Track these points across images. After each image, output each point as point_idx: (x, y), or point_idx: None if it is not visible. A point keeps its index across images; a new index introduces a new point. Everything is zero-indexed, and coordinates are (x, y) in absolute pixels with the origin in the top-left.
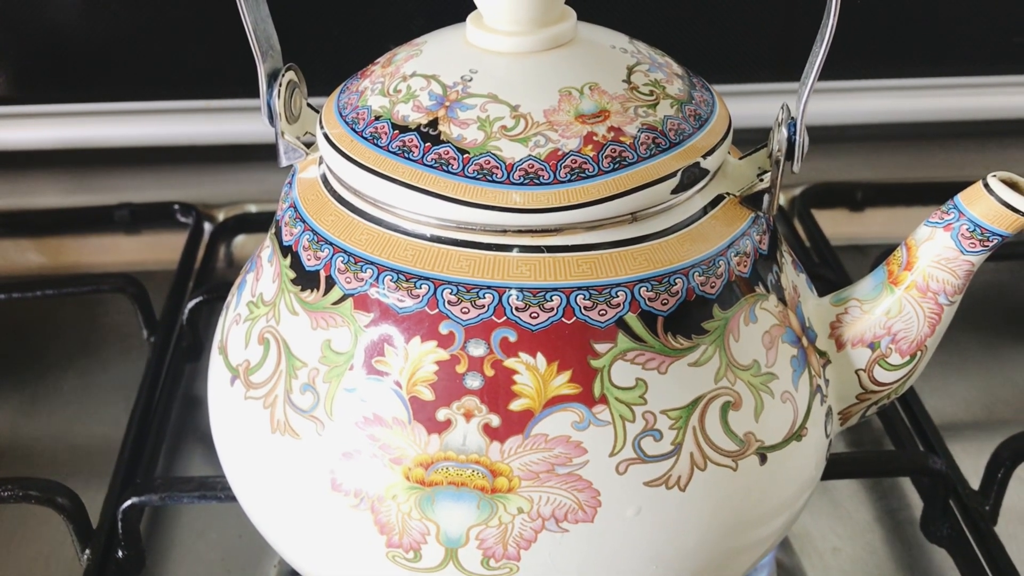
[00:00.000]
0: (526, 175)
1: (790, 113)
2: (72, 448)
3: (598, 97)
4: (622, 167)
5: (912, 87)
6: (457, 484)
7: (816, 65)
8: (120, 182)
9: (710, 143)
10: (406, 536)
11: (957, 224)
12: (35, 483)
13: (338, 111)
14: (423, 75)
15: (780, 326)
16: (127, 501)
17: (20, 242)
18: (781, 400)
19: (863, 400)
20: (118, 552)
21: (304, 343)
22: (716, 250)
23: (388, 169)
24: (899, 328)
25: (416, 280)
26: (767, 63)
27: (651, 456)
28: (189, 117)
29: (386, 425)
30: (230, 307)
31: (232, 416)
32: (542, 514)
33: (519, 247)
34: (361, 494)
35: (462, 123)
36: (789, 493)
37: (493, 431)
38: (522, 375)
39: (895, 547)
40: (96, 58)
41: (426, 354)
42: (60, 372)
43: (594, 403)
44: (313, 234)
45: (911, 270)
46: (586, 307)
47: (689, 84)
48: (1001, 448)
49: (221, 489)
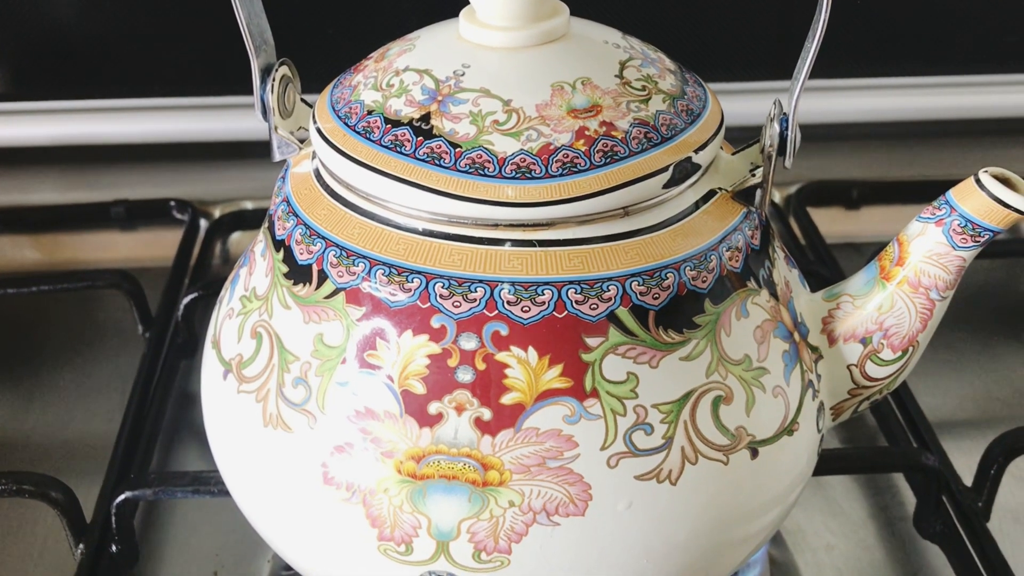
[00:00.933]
0: (518, 169)
1: (782, 108)
2: (67, 443)
3: (590, 92)
4: (614, 161)
5: (907, 86)
6: (448, 477)
7: (808, 60)
8: (116, 178)
9: (702, 138)
10: (398, 529)
11: (948, 220)
12: (29, 477)
13: (331, 106)
14: (416, 70)
15: (772, 321)
16: (121, 496)
17: (16, 238)
18: (772, 395)
19: (855, 395)
20: (112, 547)
21: (296, 337)
22: (708, 245)
23: (380, 163)
24: (891, 323)
25: (408, 274)
26: (761, 61)
27: (642, 450)
28: (185, 114)
29: (378, 419)
30: (223, 301)
31: (225, 410)
32: (533, 508)
33: (511, 241)
34: (353, 487)
35: (454, 117)
36: (781, 488)
37: (484, 425)
38: (513, 369)
39: (888, 543)
40: (92, 54)
41: (418, 348)
42: (56, 367)
43: (585, 397)
44: (306, 228)
45: (903, 265)
46: (577, 301)
47: (682, 79)
48: (994, 444)
49: (215, 484)
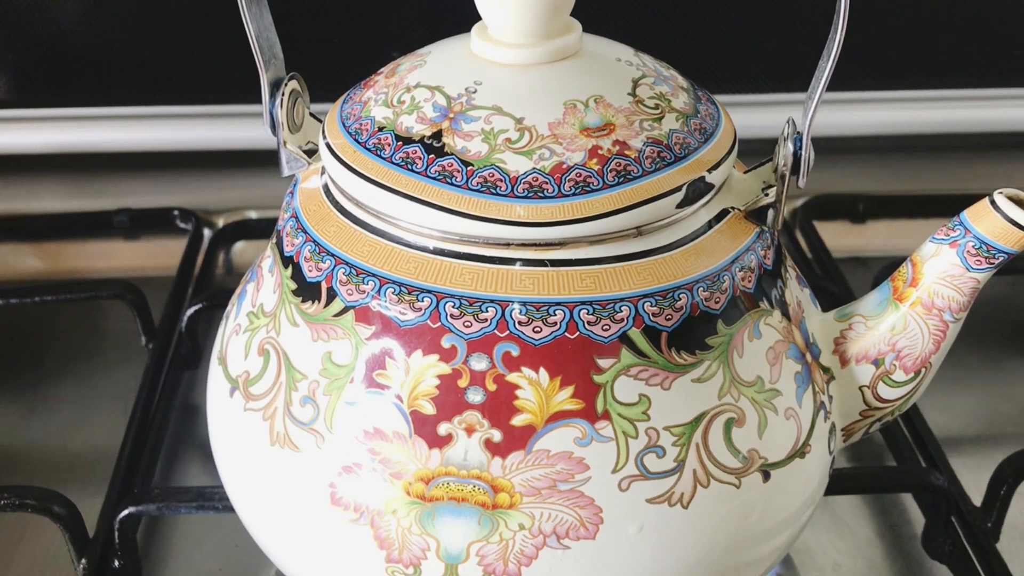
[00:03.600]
0: (530, 188)
1: (796, 127)
2: (69, 456)
3: (603, 110)
4: (627, 181)
5: (914, 99)
6: (458, 499)
7: (823, 79)
8: (119, 187)
9: (715, 157)
10: (406, 551)
11: (963, 241)
12: (31, 491)
13: (341, 121)
14: (427, 86)
15: (784, 342)
16: (124, 511)
17: (19, 247)
18: (785, 417)
19: (866, 417)
20: (114, 562)
21: (304, 355)
22: (721, 265)
23: (391, 181)
24: (903, 345)
25: (418, 293)
26: (771, 74)
27: (654, 473)
28: (189, 122)
29: (387, 439)
30: (230, 317)
31: (231, 427)
32: (543, 531)
33: (522, 261)
34: (361, 508)
35: (466, 135)
36: (792, 510)
37: (495, 446)
38: (524, 390)
39: (896, 563)
40: (96, 62)
41: (427, 368)
42: (58, 379)
43: (597, 419)
44: (315, 245)
45: (916, 286)
46: (589, 322)
47: (694, 97)
48: (1004, 464)
49: (219, 500)
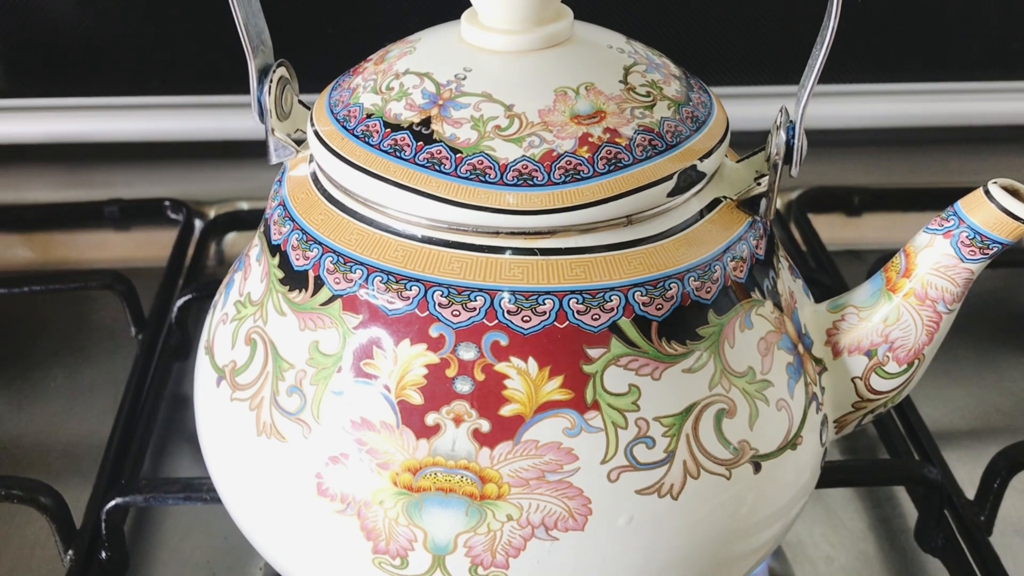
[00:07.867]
0: (520, 176)
1: (788, 116)
2: (57, 446)
3: (594, 97)
4: (617, 169)
5: (909, 92)
6: (445, 490)
7: (816, 68)
8: (110, 177)
9: (707, 146)
10: (393, 542)
11: (957, 231)
12: (18, 482)
13: (329, 108)
14: (416, 73)
15: (776, 332)
16: (111, 502)
17: (8, 237)
18: (776, 408)
19: (859, 408)
20: (101, 553)
21: (292, 344)
22: (712, 255)
23: (379, 168)
24: (896, 336)
25: (406, 281)
26: (766, 65)
27: (643, 464)
28: (180, 112)
29: (374, 429)
30: (217, 306)
31: (218, 418)
32: (531, 522)
33: (512, 249)
34: (348, 499)
35: (455, 122)
36: (783, 502)
37: (483, 436)
38: (513, 380)
39: (889, 556)
40: (87, 52)
41: (416, 357)
42: (46, 369)
43: (586, 409)
44: (302, 233)
45: (909, 277)
46: (579, 311)
47: (687, 85)
48: (997, 458)
49: (207, 491)
